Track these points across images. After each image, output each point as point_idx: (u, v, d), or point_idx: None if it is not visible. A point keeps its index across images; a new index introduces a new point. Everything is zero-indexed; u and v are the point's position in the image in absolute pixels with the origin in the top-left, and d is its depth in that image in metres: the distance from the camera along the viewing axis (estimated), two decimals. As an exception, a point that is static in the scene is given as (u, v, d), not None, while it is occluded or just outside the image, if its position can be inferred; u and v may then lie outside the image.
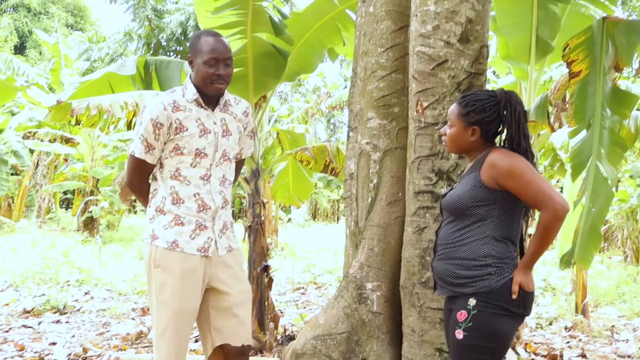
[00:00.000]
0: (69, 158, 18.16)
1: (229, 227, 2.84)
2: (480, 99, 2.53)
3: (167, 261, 2.68)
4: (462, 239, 2.47)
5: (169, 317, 2.67)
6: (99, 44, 15.81)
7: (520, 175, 2.37)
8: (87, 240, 13.23)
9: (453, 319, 2.48)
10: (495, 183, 2.41)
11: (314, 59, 5.29)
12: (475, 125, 2.51)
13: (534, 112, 4.64)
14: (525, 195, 2.39)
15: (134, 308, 6.65)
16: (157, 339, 2.72)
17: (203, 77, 2.71)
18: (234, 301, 2.76)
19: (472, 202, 2.44)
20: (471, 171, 2.52)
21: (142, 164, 2.74)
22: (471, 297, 2.40)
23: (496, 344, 2.42)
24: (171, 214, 2.70)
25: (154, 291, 2.72)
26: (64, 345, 4.96)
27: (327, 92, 13.66)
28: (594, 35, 3.48)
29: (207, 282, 2.75)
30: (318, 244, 15.23)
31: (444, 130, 2.64)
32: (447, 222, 2.57)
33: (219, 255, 2.76)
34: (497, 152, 2.46)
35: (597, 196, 3.34)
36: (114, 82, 5.37)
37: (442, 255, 2.55)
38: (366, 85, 3.60)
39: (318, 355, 3.36)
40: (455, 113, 2.56)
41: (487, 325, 2.38)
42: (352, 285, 3.45)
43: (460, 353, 2.46)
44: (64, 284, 8.04)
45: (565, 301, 7.86)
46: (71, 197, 24.55)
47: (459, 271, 2.45)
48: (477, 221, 2.45)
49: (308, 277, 9.64)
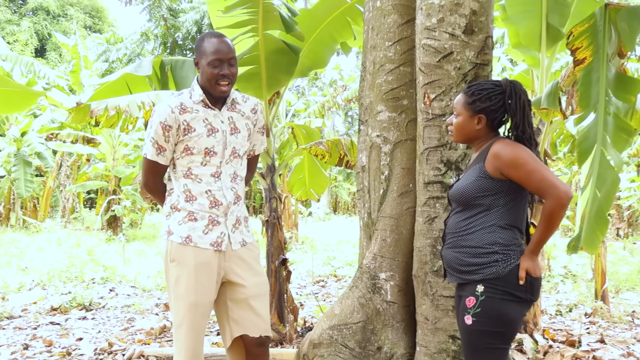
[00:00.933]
0: (91, 158, 18.44)
1: (242, 222, 2.93)
2: (486, 88, 2.59)
3: (182, 255, 2.78)
4: (469, 228, 2.53)
5: (185, 309, 2.77)
6: (117, 45, 16.01)
7: (523, 164, 2.42)
8: (110, 239, 13.44)
9: (462, 305, 2.55)
10: (499, 173, 2.47)
11: (325, 54, 5.35)
12: (481, 113, 2.57)
13: (545, 99, 4.65)
14: (529, 184, 2.44)
15: (157, 304, 6.78)
16: (175, 330, 2.83)
17: (208, 77, 2.79)
18: (249, 293, 2.84)
19: (478, 193, 2.50)
20: (476, 162, 2.58)
21: (154, 165, 2.85)
22: (479, 283, 2.47)
23: (505, 329, 2.48)
24: (185, 210, 2.80)
25: (171, 284, 2.83)
26: (90, 340, 5.10)
27: (343, 85, 13.72)
28: (597, 22, 3.50)
29: (222, 275, 2.84)
30: (338, 237, 15.30)
31: (450, 120, 2.69)
32: (455, 212, 2.64)
33: (233, 249, 2.85)
34: (501, 143, 2.51)
35: (603, 181, 3.37)
36: (131, 83, 5.48)
37: (450, 244, 2.62)
38: (375, 79, 3.66)
39: (334, 344, 3.45)
40: (461, 102, 2.61)
41: (495, 310, 2.45)
42: (366, 275, 3.53)
43: (470, 338, 2.53)
44: (89, 281, 8.22)
45: (586, 288, 7.85)
46: (94, 196, 24.91)
47: (466, 259, 2.52)
48: (483, 210, 2.51)
49: (328, 270, 9.72)
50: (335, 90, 13.25)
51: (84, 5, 32.12)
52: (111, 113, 4.55)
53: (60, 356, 4.56)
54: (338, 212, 33.35)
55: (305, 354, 3.56)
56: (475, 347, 2.51)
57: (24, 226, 16.62)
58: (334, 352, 3.44)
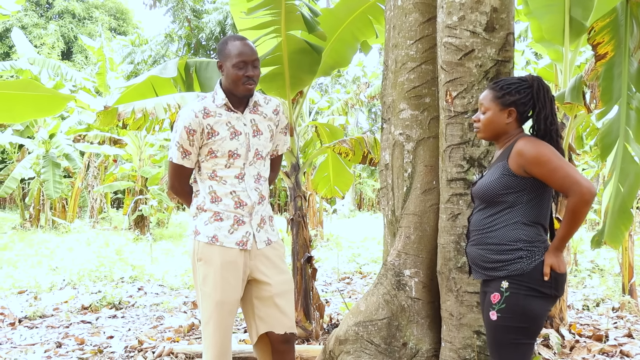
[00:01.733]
0: (118, 159, 18.70)
1: (267, 221, 2.99)
2: (513, 82, 2.62)
3: (208, 254, 2.85)
4: (494, 225, 2.56)
5: (212, 307, 2.84)
6: (142, 47, 16.21)
7: (546, 162, 2.44)
8: (138, 238, 13.63)
9: (487, 301, 2.58)
10: (523, 171, 2.50)
11: (348, 53, 5.38)
12: (511, 107, 2.59)
13: (569, 93, 4.62)
14: (553, 182, 2.46)
15: (185, 302, 6.88)
16: (203, 328, 2.89)
17: (233, 79, 2.85)
18: (274, 291, 2.90)
19: (502, 190, 2.53)
20: (500, 159, 2.60)
21: (180, 168, 2.92)
22: (504, 279, 2.50)
23: (529, 324, 2.51)
24: (211, 211, 2.87)
25: (198, 283, 2.90)
26: (121, 338, 5.20)
27: (366, 82, 13.76)
28: (618, 17, 3.49)
29: (248, 274, 2.90)
30: (363, 234, 15.32)
31: (476, 117, 2.70)
32: (479, 209, 2.67)
33: (258, 248, 2.91)
34: (524, 140, 2.53)
35: (626, 176, 3.36)
36: (157, 85, 5.57)
37: (474, 241, 2.65)
38: (397, 77, 3.69)
39: (360, 340, 3.49)
40: (489, 97, 2.63)
41: (520, 306, 2.48)
42: (391, 272, 3.56)
43: (495, 334, 2.56)
44: (118, 280, 8.36)
45: (613, 282, 7.79)
46: (122, 196, 25.25)
47: (491, 255, 2.55)
48: (506, 207, 2.54)
49: (353, 267, 9.76)
50: (359, 87, 13.31)
51: (109, 7, 32.53)
52: (138, 115, 4.64)
53: (92, 354, 4.66)
54: (362, 209, 33.36)
55: (331, 350, 3.61)
56: (500, 343, 2.55)
57: (53, 227, 16.92)
58: (360, 349, 3.48)
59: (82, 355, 4.62)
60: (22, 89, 3.91)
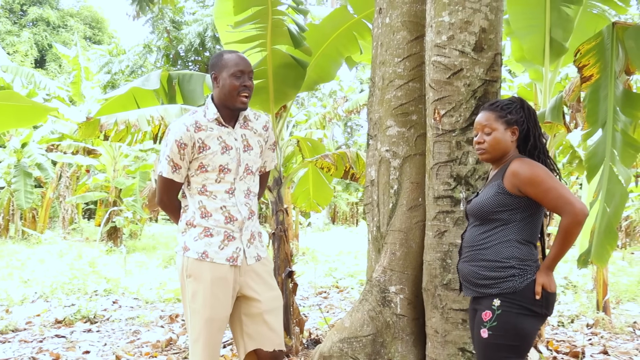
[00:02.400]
0: (90, 169, 18.47)
1: (256, 237, 2.97)
2: (508, 103, 2.69)
3: (198, 271, 2.82)
4: (487, 242, 2.59)
5: (201, 324, 2.80)
6: (119, 57, 16.09)
7: (540, 182, 2.49)
8: (111, 250, 13.45)
9: (478, 318, 2.60)
10: (517, 190, 2.54)
11: (332, 68, 5.41)
12: (514, 125, 2.65)
13: (550, 113, 4.71)
14: (546, 202, 2.51)
15: (161, 316, 6.80)
16: (191, 345, 2.85)
17: (230, 89, 2.84)
18: (264, 308, 2.88)
19: (496, 207, 2.57)
20: (495, 179, 2.65)
21: (170, 183, 2.89)
22: (495, 297, 2.53)
23: (520, 343, 2.53)
24: (200, 226, 2.84)
25: (187, 300, 2.86)
26: (97, 353, 5.11)
27: (344, 97, 13.78)
28: (604, 40, 3.57)
29: (237, 290, 2.88)
30: (338, 248, 15.33)
31: (479, 138, 2.70)
32: (473, 226, 2.70)
33: (248, 264, 2.89)
34: (519, 161, 2.58)
35: (612, 196, 3.43)
36: (138, 97, 5.53)
37: (467, 258, 2.68)
38: (384, 94, 3.71)
39: (345, 357, 3.48)
40: (493, 117, 2.66)
41: (511, 324, 2.50)
42: (376, 288, 3.56)
43: (485, 351, 2.58)
44: (92, 293, 8.23)
45: (587, 299, 7.89)
46: (93, 207, 24.92)
47: (484, 272, 2.57)
48: (500, 225, 2.58)
49: (330, 281, 9.74)
50: (336, 102, 13.30)
51: (84, 16, 32.27)
52: (121, 127, 4.59)
53: (68, 369, 4.58)
54: (337, 222, 33.39)
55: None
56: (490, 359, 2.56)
57: (23, 237, 16.62)
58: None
59: (58, 371, 4.53)
60: (4, 100, 3.85)
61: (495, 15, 3.23)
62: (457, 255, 3.20)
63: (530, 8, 5.21)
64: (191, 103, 5.41)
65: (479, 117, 2.71)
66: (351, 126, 30.07)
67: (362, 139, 30.14)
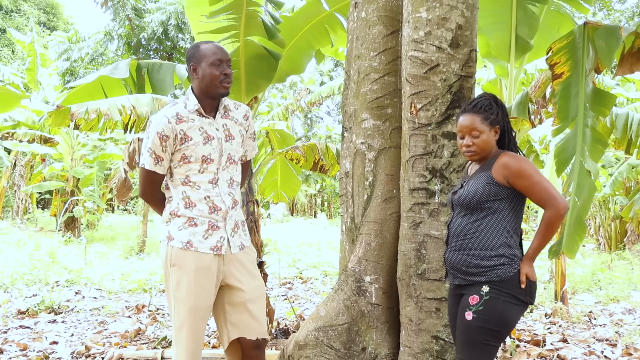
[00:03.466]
0: (46, 158, 18.08)
1: (240, 226, 3.00)
2: (484, 102, 2.77)
3: (182, 260, 2.84)
4: (476, 230, 2.69)
5: (185, 313, 2.83)
6: (79, 44, 15.77)
7: (528, 176, 2.62)
8: (70, 240, 13.24)
9: (464, 302, 2.69)
10: (506, 181, 2.65)
11: (303, 60, 5.44)
12: (497, 124, 2.75)
13: (515, 108, 4.85)
14: (532, 195, 2.64)
15: (127, 306, 6.75)
16: (175, 333, 2.87)
17: (211, 78, 2.86)
18: (247, 297, 2.92)
19: (486, 197, 2.67)
20: (481, 171, 2.74)
21: (152, 175, 2.90)
22: (484, 284, 2.63)
23: (501, 329, 2.64)
24: (185, 216, 2.86)
25: (171, 289, 2.87)
26: (65, 344, 5.06)
27: (306, 89, 13.80)
28: (576, 40, 3.70)
29: (221, 279, 2.91)
30: (299, 239, 15.39)
31: (467, 142, 2.76)
32: (461, 216, 2.78)
33: (232, 253, 2.92)
34: (508, 155, 2.70)
35: (582, 190, 3.57)
36: (106, 86, 5.47)
37: (456, 247, 2.76)
38: (360, 88, 3.77)
39: (320, 345, 3.54)
40: (477, 120, 2.73)
41: (497, 311, 2.61)
42: (351, 278, 3.63)
43: (467, 333, 2.67)
44: (54, 284, 8.11)
45: (544, 289, 8.13)
46: (49, 197, 24.41)
47: (473, 261, 2.67)
48: (490, 213, 2.68)
49: (294, 272, 9.80)
50: (299, 94, 13.32)
51: (38, 1, 31.42)
52: (92, 116, 4.55)
53: (37, 359, 4.53)
54: (295, 214, 33.47)
55: (290, 355, 3.63)
56: (471, 342, 2.66)
57: (-24, 227, 16.19)
58: (320, 353, 3.53)
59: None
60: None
61: (471, 13, 3.32)
62: (432, 246, 3.31)
63: (497, 5, 5.34)
64: (160, 93, 5.38)
65: (464, 121, 2.76)
66: (311, 118, 30.15)
67: (322, 131, 30.25)
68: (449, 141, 3.30)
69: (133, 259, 10.89)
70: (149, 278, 8.54)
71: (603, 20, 13.50)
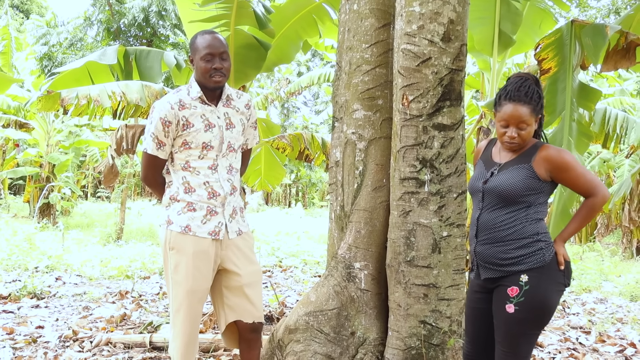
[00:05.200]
0: (20, 143, 17.84)
1: (238, 212, 3.08)
2: (533, 88, 2.69)
3: (181, 244, 2.90)
4: (511, 222, 2.67)
5: (183, 295, 2.90)
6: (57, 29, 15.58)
7: (572, 169, 2.64)
8: (46, 227, 13.13)
9: (502, 294, 2.67)
10: (547, 175, 2.67)
11: (291, 50, 5.51)
12: (540, 114, 2.73)
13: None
14: (577, 186, 2.67)
15: (110, 292, 6.77)
16: (173, 315, 2.95)
17: (202, 72, 2.93)
18: (244, 281, 3.00)
19: (525, 191, 2.65)
20: (519, 163, 2.71)
21: (154, 159, 2.96)
22: (522, 273, 2.62)
23: (545, 317, 2.65)
24: (184, 201, 2.93)
25: (169, 271, 2.94)
26: (52, 328, 5.09)
27: (286, 79, 13.87)
28: (563, 36, 3.83)
29: (218, 263, 2.99)
30: (276, 228, 15.46)
31: (512, 134, 2.68)
32: (493, 209, 2.73)
33: (230, 238, 3.00)
34: (549, 148, 2.69)
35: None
36: (93, 71, 5.47)
37: (487, 240, 2.73)
38: (351, 79, 3.84)
39: (310, 330, 3.63)
40: (527, 112, 2.64)
41: (539, 299, 2.60)
42: (341, 265, 3.72)
43: (510, 326, 2.65)
44: (33, 270, 8.07)
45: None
46: (22, 183, 24.10)
47: (510, 251, 2.65)
48: (525, 207, 2.67)
49: (273, 261, 9.88)
50: (279, 83, 13.38)
51: (11, -17, 30.84)
52: (82, 102, 4.56)
53: (25, 343, 4.55)
54: (270, 203, 33.51)
55: (280, 339, 3.72)
56: (515, 334, 2.64)
57: (-51, 212, 15.97)
58: (310, 337, 3.62)
59: (15, 345, 4.50)
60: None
61: (463, 8, 3.41)
62: (421, 234, 3.42)
63: (481, 1, 5.45)
64: (148, 80, 5.40)
65: (512, 110, 2.65)
66: (288, 108, 30.17)
67: (299, 121, 30.30)
68: (439, 132, 3.40)
69: (111, 246, 10.86)
70: (129, 265, 8.56)
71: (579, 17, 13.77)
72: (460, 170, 3.48)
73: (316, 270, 9.20)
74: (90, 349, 4.45)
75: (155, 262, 8.85)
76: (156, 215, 17.31)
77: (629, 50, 3.98)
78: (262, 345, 3.18)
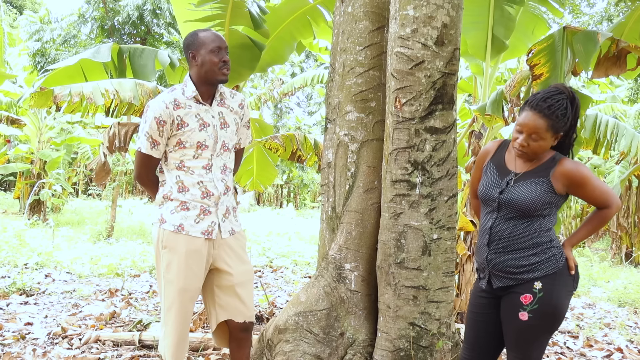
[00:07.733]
0: (11, 139, 17.76)
1: (231, 212, 3.09)
2: (561, 104, 2.63)
3: (173, 243, 2.91)
4: (525, 232, 2.67)
5: (174, 294, 2.91)
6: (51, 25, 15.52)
7: (588, 183, 2.67)
8: (36, 223, 13.09)
9: (514, 302, 2.67)
10: (564, 190, 2.68)
11: (285, 51, 5.52)
12: (560, 132, 2.68)
13: (490, 106, 5.00)
14: (592, 199, 2.70)
15: (100, 290, 6.76)
16: (164, 314, 2.95)
17: (211, 65, 2.94)
18: (236, 281, 3.01)
19: (543, 205, 2.66)
20: (537, 176, 2.70)
21: (148, 158, 2.97)
22: (536, 280, 2.63)
23: (557, 321, 2.65)
24: (177, 200, 2.93)
25: (161, 270, 2.95)
26: (40, 325, 5.08)
27: (279, 79, 13.87)
28: (555, 42, 3.86)
29: (210, 262, 2.99)
30: (267, 229, 15.46)
31: (523, 141, 2.67)
32: (508, 219, 2.71)
33: (222, 237, 3.00)
34: (568, 162, 2.68)
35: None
36: (86, 69, 5.47)
37: (501, 248, 2.71)
38: (345, 81, 3.87)
39: (300, 330, 3.65)
40: (544, 126, 2.60)
41: (552, 306, 2.61)
42: (332, 265, 3.74)
43: (524, 333, 2.65)
44: (23, 266, 8.04)
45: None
46: (11, 179, 23.99)
47: (525, 258, 2.65)
48: (539, 218, 2.68)
49: (264, 261, 9.88)
50: (272, 83, 13.38)
51: (5, -22, 30.71)
52: (75, 99, 4.56)
53: (14, 339, 4.54)
54: (262, 204, 33.49)
55: (270, 339, 3.74)
56: (529, 340, 2.65)
57: (-62, 208, 15.86)
58: (299, 337, 3.64)
59: (3, 341, 4.49)
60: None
61: (456, 12, 3.44)
62: (411, 236, 3.44)
63: (475, 5, 5.49)
64: (142, 78, 5.40)
65: (529, 120, 2.63)
66: (281, 108, 30.17)
67: (292, 122, 30.30)
68: (431, 135, 3.42)
69: (101, 244, 10.83)
70: (119, 263, 8.54)
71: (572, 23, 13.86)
72: (451, 174, 3.51)
73: (307, 271, 9.21)
74: (79, 346, 4.44)
75: (145, 261, 8.83)
76: (147, 214, 17.28)
77: (620, 58, 4.03)
78: (252, 344, 3.19)
